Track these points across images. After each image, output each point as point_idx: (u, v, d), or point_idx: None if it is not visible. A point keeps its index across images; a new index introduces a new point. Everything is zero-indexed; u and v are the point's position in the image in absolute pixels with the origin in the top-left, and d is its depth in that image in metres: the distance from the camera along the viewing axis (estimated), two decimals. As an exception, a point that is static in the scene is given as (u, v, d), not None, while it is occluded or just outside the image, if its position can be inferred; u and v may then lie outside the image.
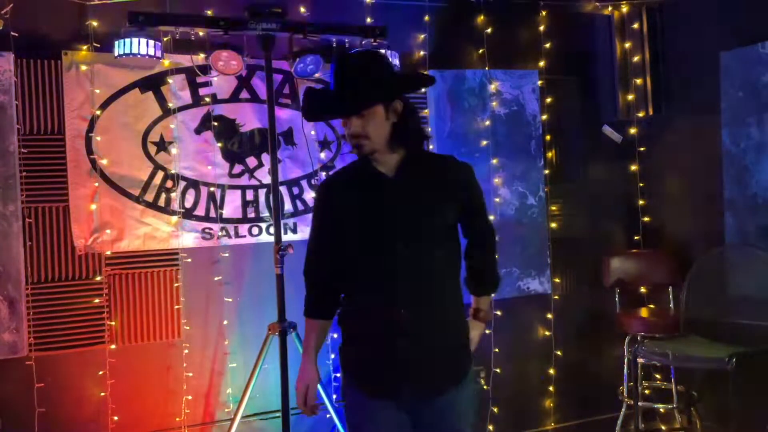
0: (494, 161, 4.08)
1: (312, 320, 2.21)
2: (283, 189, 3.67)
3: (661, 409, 4.19)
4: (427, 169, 2.10)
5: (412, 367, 2.03)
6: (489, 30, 4.05)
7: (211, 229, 3.58)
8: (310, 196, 3.71)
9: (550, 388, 4.19)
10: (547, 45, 4.20)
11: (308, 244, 2.22)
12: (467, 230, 2.24)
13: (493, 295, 2.37)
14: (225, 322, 3.57)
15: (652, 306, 4.25)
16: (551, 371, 4.19)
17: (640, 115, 4.19)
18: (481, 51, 4.06)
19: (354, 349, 2.14)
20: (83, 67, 3.33)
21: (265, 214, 3.65)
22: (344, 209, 2.08)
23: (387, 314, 2.02)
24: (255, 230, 3.65)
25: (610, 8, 4.28)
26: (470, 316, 2.27)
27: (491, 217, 3.95)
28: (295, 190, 3.72)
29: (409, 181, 2.05)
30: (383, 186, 2.05)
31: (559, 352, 4.19)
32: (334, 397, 3.55)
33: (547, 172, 4.21)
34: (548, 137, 4.23)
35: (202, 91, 3.56)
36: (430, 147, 3.96)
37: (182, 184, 3.52)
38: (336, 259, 2.12)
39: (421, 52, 3.95)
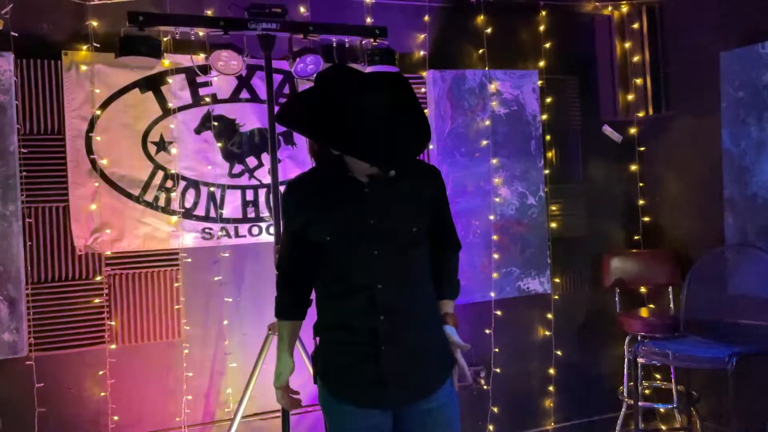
0: (494, 161, 4.08)
1: (285, 321, 2.18)
2: (283, 189, 3.66)
3: (661, 409, 4.20)
4: (400, 173, 2.05)
5: (394, 372, 2.00)
6: (489, 30, 4.05)
7: (211, 229, 3.58)
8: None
9: (550, 388, 4.19)
10: (547, 45, 4.20)
11: (282, 245, 2.18)
12: (435, 233, 2.16)
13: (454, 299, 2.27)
14: (225, 322, 3.57)
15: (652, 306, 4.26)
16: (551, 371, 4.19)
17: (640, 115, 4.19)
18: (481, 51, 4.06)
19: (334, 359, 2.09)
20: (83, 67, 3.33)
21: (265, 214, 3.65)
22: (317, 211, 2.04)
23: (365, 321, 1.99)
24: (255, 230, 3.65)
25: (610, 8, 4.28)
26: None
27: (491, 217, 4.06)
28: (295, 190, 3.71)
29: (383, 185, 2.02)
30: (358, 190, 2.02)
31: (559, 352, 4.19)
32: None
33: (547, 172, 4.21)
34: (548, 137, 4.23)
35: (202, 91, 3.56)
36: (430, 147, 3.98)
37: (182, 184, 3.52)
38: (307, 259, 2.08)
39: (421, 52, 3.95)
